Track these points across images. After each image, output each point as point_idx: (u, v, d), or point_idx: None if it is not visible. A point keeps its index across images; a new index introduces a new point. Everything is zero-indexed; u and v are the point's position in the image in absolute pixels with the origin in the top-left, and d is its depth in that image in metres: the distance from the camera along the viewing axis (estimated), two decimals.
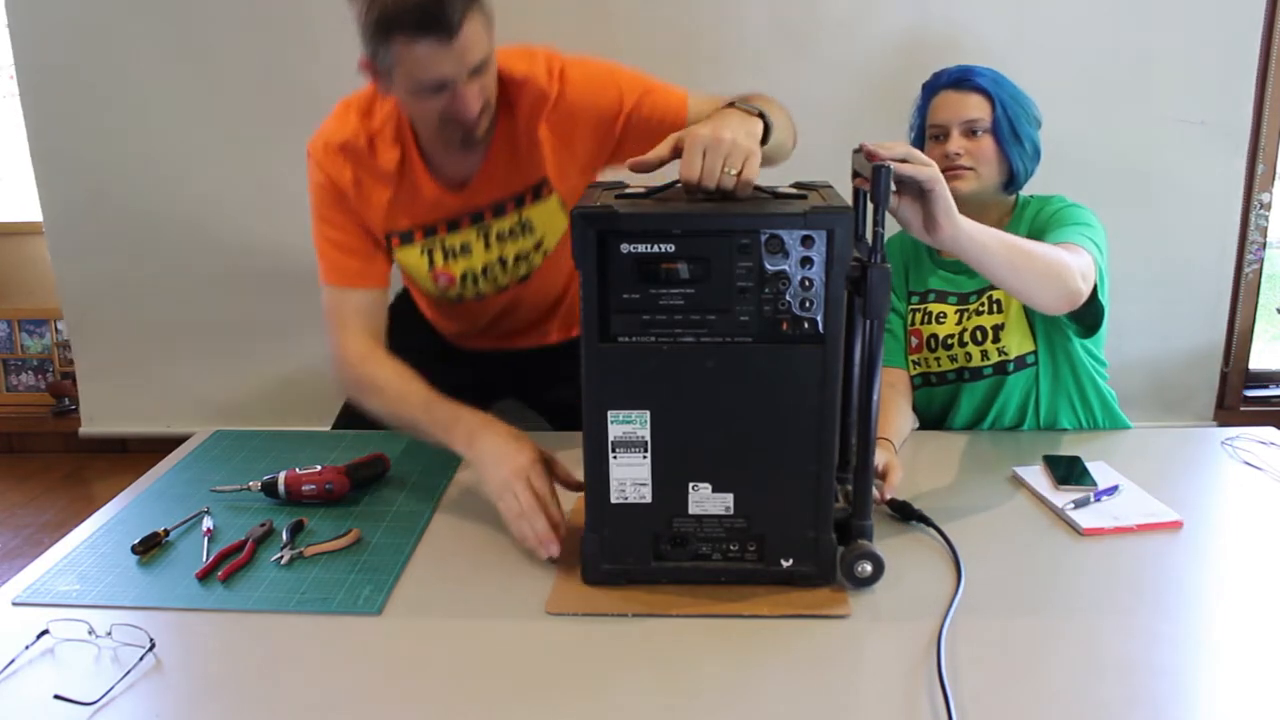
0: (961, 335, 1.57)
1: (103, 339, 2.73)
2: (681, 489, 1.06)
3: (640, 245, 1.01)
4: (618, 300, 1.02)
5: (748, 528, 1.07)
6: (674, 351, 1.03)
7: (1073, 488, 1.31)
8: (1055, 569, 1.15)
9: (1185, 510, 1.25)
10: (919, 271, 1.65)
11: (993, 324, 1.54)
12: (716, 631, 1.03)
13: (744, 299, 1.02)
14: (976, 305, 1.56)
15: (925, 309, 1.62)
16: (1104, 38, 2.29)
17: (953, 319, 1.58)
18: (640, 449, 1.05)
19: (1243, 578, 1.13)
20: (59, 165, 2.58)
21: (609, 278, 1.02)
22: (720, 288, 1.02)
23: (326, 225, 1.46)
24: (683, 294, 1.02)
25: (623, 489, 1.07)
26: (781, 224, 1.00)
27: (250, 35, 2.43)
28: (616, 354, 1.03)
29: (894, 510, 1.27)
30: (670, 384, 1.04)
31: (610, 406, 1.04)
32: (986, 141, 1.54)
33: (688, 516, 1.07)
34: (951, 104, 1.57)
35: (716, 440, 1.05)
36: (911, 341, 1.63)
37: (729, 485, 1.06)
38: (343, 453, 1.46)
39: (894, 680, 0.95)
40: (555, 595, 1.10)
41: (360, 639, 1.03)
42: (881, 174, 1.02)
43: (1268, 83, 2.35)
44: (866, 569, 1.08)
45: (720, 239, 1.01)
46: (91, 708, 0.92)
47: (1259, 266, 2.52)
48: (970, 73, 1.57)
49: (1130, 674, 0.96)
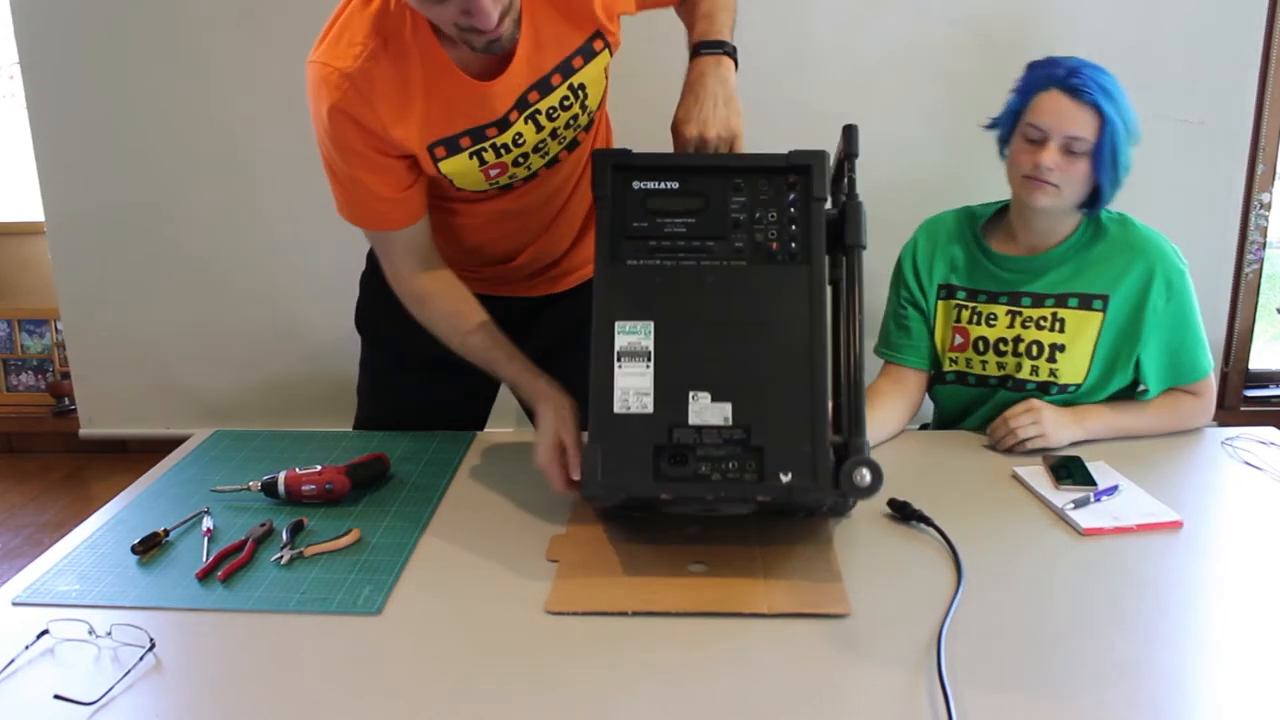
0: (1016, 344, 1.51)
1: (103, 339, 2.73)
2: (682, 399, 1.11)
3: (649, 182, 1.19)
4: (628, 228, 1.17)
5: (746, 440, 1.10)
6: (676, 269, 1.16)
7: (1073, 488, 1.31)
8: (1055, 569, 1.15)
9: (1185, 510, 1.25)
10: (971, 267, 1.56)
11: (1051, 342, 1.49)
12: (716, 630, 1.03)
13: (738, 228, 1.17)
14: (1037, 315, 1.51)
15: (975, 308, 1.55)
16: (1104, 37, 2.29)
17: (1004, 321, 1.52)
18: (644, 358, 1.12)
19: (1243, 578, 1.13)
20: (62, 166, 2.59)
21: (622, 209, 1.18)
22: (717, 219, 1.17)
23: (349, 165, 1.28)
24: (684, 223, 1.17)
25: (626, 399, 1.11)
26: (768, 162, 1.19)
27: (252, 37, 2.43)
28: (625, 272, 1.16)
29: (894, 510, 1.27)
30: (672, 299, 1.15)
31: (618, 318, 1.14)
32: (1083, 164, 1.43)
33: (688, 427, 1.10)
34: (1060, 111, 1.43)
35: (715, 351, 1.13)
36: (955, 339, 1.56)
37: (727, 395, 1.11)
38: (343, 453, 1.46)
39: (894, 680, 0.95)
40: (555, 595, 1.10)
41: (360, 639, 1.03)
42: (851, 131, 1.21)
43: (1268, 83, 2.35)
44: (865, 476, 1.06)
45: (717, 177, 1.19)
46: (91, 708, 0.92)
47: (1259, 266, 2.52)
48: (1087, 80, 1.42)
49: (1130, 674, 0.96)
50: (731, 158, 1.24)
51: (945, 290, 1.58)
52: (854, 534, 1.23)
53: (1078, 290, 1.49)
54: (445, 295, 1.39)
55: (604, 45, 1.32)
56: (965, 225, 1.59)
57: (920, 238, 1.62)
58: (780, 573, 1.13)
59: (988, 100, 2.34)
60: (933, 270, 1.58)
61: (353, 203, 1.33)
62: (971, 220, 1.60)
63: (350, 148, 1.26)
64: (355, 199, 1.32)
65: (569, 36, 1.28)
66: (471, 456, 1.47)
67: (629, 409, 1.11)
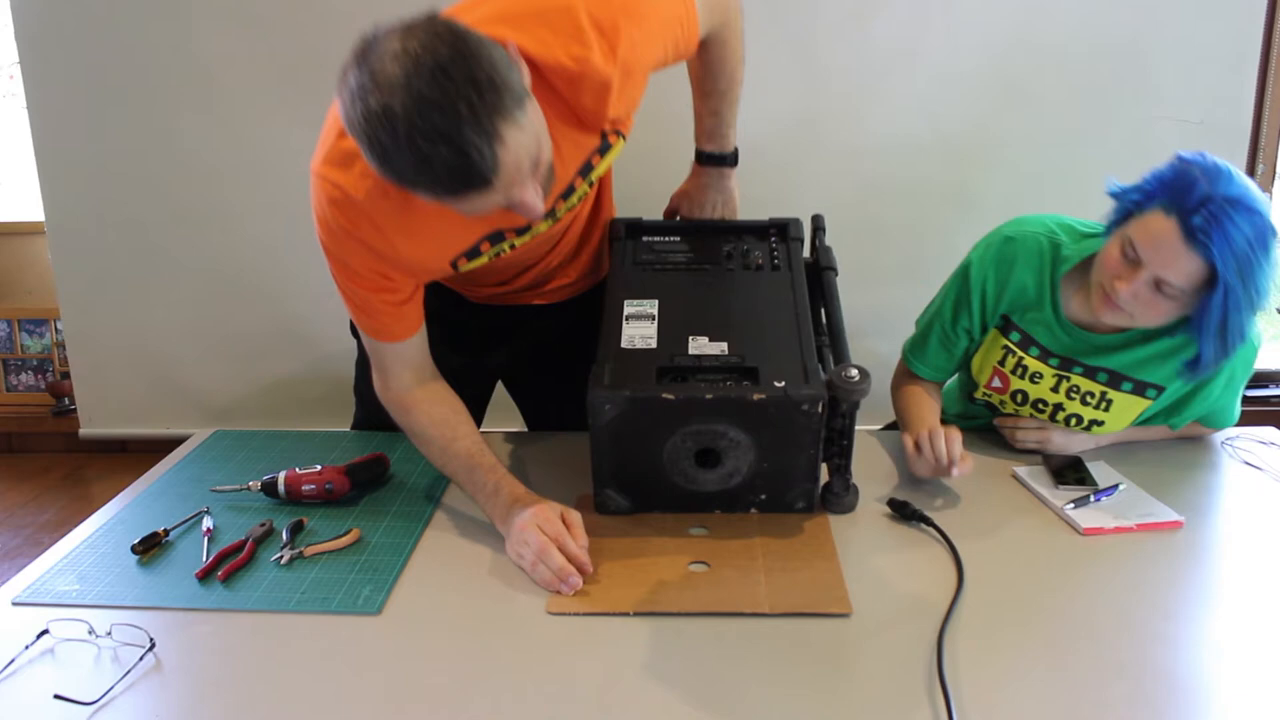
0: (1055, 409, 1.42)
1: (103, 339, 2.73)
2: (682, 339, 1.27)
3: (656, 236, 1.48)
4: (638, 258, 1.43)
5: (742, 363, 1.23)
6: (678, 273, 1.40)
7: (1073, 488, 1.31)
8: (1055, 569, 1.15)
9: (1185, 510, 1.25)
10: (1035, 315, 1.39)
11: (1092, 418, 1.41)
12: (716, 630, 1.03)
13: (730, 259, 1.43)
14: (1085, 388, 1.39)
15: (1022, 360, 1.41)
16: (1104, 37, 2.29)
17: (1048, 382, 1.40)
18: (649, 320, 1.31)
19: (1243, 578, 1.13)
20: (62, 166, 2.59)
21: (633, 248, 1.45)
22: (711, 252, 1.44)
23: (351, 281, 1.24)
24: (685, 255, 1.44)
25: (632, 340, 1.27)
26: (753, 223, 1.49)
27: (254, 37, 2.43)
28: (635, 274, 1.40)
29: (894, 510, 1.27)
30: (674, 288, 1.37)
31: (627, 296, 1.35)
32: (1171, 306, 1.23)
33: (688, 355, 1.24)
34: (1163, 244, 1.18)
35: (712, 315, 1.31)
36: (994, 380, 1.45)
37: (723, 337, 1.27)
38: (343, 453, 1.46)
39: (894, 680, 0.95)
40: (555, 595, 1.10)
41: (360, 639, 1.03)
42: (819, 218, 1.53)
43: (1267, 83, 2.35)
44: (853, 372, 1.19)
45: (711, 233, 1.48)
46: (91, 708, 0.92)
47: None
48: (1211, 223, 1.14)
49: (1130, 674, 0.96)
50: (722, 222, 1.54)
51: (1004, 322, 1.43)
52: (854, 534, 1.23)
53: (1136, 377, 1.37)
54: (435, 404, 1.33)
55: (618, 137, 1.30)
56: (1048, 261, 1.38)
57: (998, 258, 1.41)
58: (781, 572, 1.13)
59: (988, 100, 2.35)
60: (1000, 299, 1.42)
61: (357, 309, 1.29)
62: (1055, 259, 1.38)
63: (352, 269, 1.22)
64: (359, 308, 1.28)
65: (586, 141, 1.26)
66: None
67: (634, 345, 1.26)
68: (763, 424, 1.18)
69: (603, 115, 1.21)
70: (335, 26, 2.37)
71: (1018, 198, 2.32)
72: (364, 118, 0.97)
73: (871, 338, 2.30)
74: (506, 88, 0.98)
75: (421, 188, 1.01)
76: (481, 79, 0.96)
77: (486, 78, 0.96)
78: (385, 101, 0.95)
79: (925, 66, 2.35)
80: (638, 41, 1.21)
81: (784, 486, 1.22)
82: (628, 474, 1.24)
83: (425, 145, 0.95)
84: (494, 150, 0.98)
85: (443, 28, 0.98)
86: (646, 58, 1.24)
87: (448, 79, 0.95)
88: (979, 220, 1.58)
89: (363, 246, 1.19)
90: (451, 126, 0.95)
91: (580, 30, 1.15)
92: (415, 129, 0.95)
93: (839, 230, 2.05)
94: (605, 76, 1.17)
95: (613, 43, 1.17)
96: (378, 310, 1.27)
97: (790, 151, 2.36)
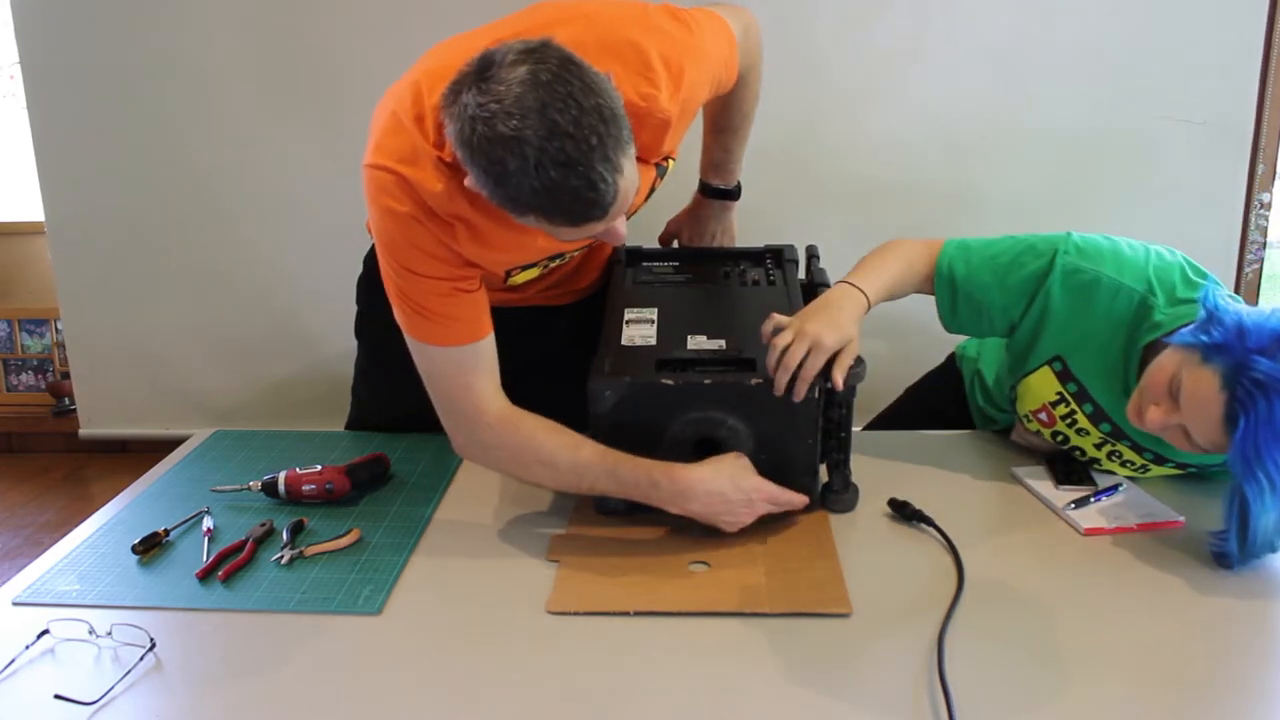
0: (1093, 462, 1.35)
1: (103, 339, 2.73)
2: (681, 338, 1.30)
3: (657, 262, 1.55)
4: (638, 278, 1.49)
5: (739, 356, 1.25)
6: (677, 286, 1.46)
7: (1073, 488, 1.31)
8: (1055, 569, 1.15)
9: (1185, 510, 1.25)
10: (1102, 371, 1.25)
11: (1127, 475, 1.35)
12: (717, 630, 1.03)
13: (726, 278, 1.48)
14: (1128, 457, 1.31)
15: (1074, 413, 1.30)
16: (1104, 36, 2.29)
17: (1093, 439, 1.31)
18: (648, 323, 1.34)
19: (1243, 577, 1.13)
20: (62, 166, 2.58)
21: (634, 269, 1.52)
22: (709, 273, 1.50)
23: (422, 276, 1.16)
24: (684, 276, 1.50)
25: (632, 339, 1.31)
26: (749, 250, 1.58)
27: (255, 37, 2.42)
28: (636, 288, 1.46)
29: (894, 510, 1.27)
30: (673, 299, 1.42)
31: (627, 305, 1.39)
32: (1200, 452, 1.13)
33: (687, 350, 1.27)
34: (1203, 410, 1.06)
35: (710, 320, 1.35)
36: (1042, 415, 1.34)
37: (721, 334, 1.30)
38: (343, 453, 1.46)
39: (894, 680, 0.95)
40: (556, 594, 1.10)
41: (360, 639, 1.03)
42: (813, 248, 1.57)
43: (1268, 83, 2.35)
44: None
45: (709, 258, 1.57)
46: (91, 708, 0.92)
47: (1259, 266, 2.52)
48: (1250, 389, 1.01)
49: (1131, 674, 0.96)
50: (720, 249, 1.63)
51: (1060, 364, 1.28)
52: (854, 534, 1.23)
53: (1181, 460, 1.30)
54: (534, 415, 1.22)
55: (668, 160, 1.33)
56: (1135, 322, 1.21)
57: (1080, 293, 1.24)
58: (781, 572, 1.13)
59: (988, 100, 2.35)
60: (1063, 335, 1.26)
61: (430, 316, 1.18)
62: (1141, 326, 1.21)
63: (422, 258, 1.15)
64: (432, 313, 1.18)
65: (647, 173, 1.26)
66: None
67: (634, 343, 1.30)
68: (761, 411, 1.19)
69: (657, 151, 1.23)
70: (337, 29, 2.38)
71: (1019, 198, 2.32)
72: (488, 139, 0.96)
73: (872, 338, 2.30)
74: (624, 120, 1.00)
75: (538, 213, 1.01)
76: (605, 110, 0.97)
77: (610, 109, 0.97)
78: (517, 125, 0.94)
79: (926, 66, 2.34)
80: (696, 82, 1.23)
81: (784, 480, 1.22)
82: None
83: (556, 173, 0.95)
84: (615, 181, 0.99)
85: (565, 55, 0.98)
86: (700, 96, 1.28)
87: (579, 109, 0.95)
88: (980, 220, 1.59)
89: (430, 235, 1.13)
90: (583, 156, 0.96)
91: (650, 69, 1.16)
92: (546, 156, 0.95)
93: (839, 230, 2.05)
94: (667, 116, 1.18)
95: (678, 83, 1.19)
96: (457, 304, 1.17)
97: (790, 151, 2.36)
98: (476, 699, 0.94)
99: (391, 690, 0.95)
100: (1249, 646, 1.00)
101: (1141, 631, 1.02)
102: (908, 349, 1.74)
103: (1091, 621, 1.04)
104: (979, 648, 0.99)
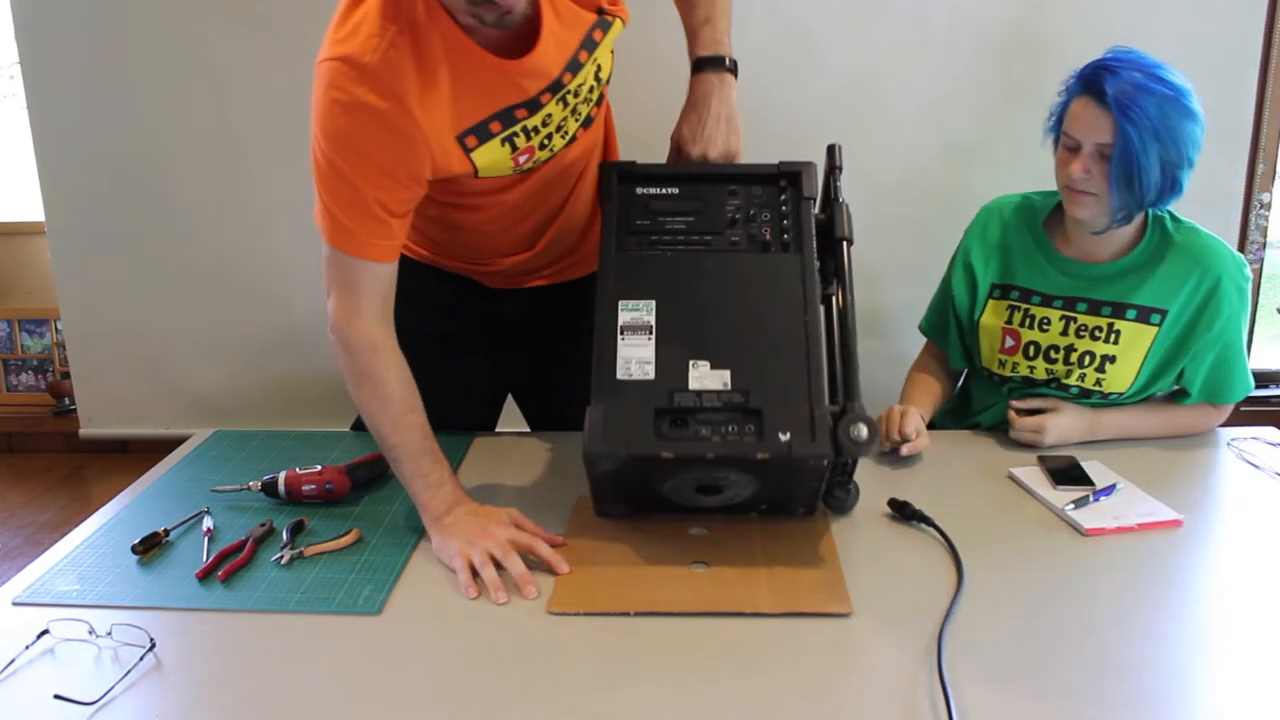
0: (1068, 352, 1.47)
1: (103, 339, 2.73)
2: (682, 368, 1.16)
3: (652, 188, 1.28)
4: (632, 225, 1.26)
5: (745, 403, 1.13)
6: (676, 258, 1.24)
7: (1071, 488, 1.31)
8: (1055, 569, 1.15)
9: (1185, 509, 1.25)
10: (1029, 266, 1.50)
11: (1103, 353, 1.45)
12: (717, 630, 1.03)
13: (734, 225, 1.26)
14: (1092, 324, 1.46)
15: (1028, 310, 1.49)
16: (1105, 37, 2.28)
17: (1057, 327, 1.47)
18: (646, 332, 1.18)
19: (1243, 578, 1.13)
20: (62, 166, 2.59)
21: (626, 210, 1.27)
22: (714, 217, 1.27)
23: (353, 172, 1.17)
24: (684, 221, 1.26)
25: (628, 367, 1.16)
26: (761, 170, 1.30)
27: (255, 37, 2.43)
28: (628, 260, 1.23)
29: (894, 510, 1.27)
30: (673, 282, 1.22)
31: (621, 298, 1.20)
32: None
33: (688, 391, 1.14)
34: (1084, 119, 1.35)
35: (714, 326, 1.19)
36: (1006, 341, 1.51)
37: (726, 363, 1.16)
38: (343, 453, 1.46)
39: (894, 680, 0.95)
40: (556, 594, 1.10)
41: (360, 639, 1.03)
42: (834, 149, 1.32)
43: (1268, 83, 2.35)
44: (862, 431, 1.09)
45: (714, 184, 1.29)
46: (91, 708, 0.92)
47: (1259, 266, 2.52)
48: (1105, 82, 1.32)
49: (1130, 674, 0.96)
50: (728, 167, 1.32)
51: (999, 290, 1.53)
52: (854, 534, 1.23)
53: (1137, 303, 1.44)
54: (403, 362, 1.26)
55: (613, 16, 1.30)
56: (1025, 218, 1.53)
57: (979, 230, 1.57)
58: (781, 572, 1.13)
59: (987, 100, 2.35)
60: (988, 266, 1.54)
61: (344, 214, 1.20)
62: (1031, 213, 1.53)
63: (361, 150, 1.16)
64: (348, 212, 1.20)
65: (583, 13, 1.26)
66: (472, 456, 1.47)
67: (630, 375, 1.16)
68: (765, 474, 1.15)
69: None
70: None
71: None
72: None
73: (872, 338, 2.31)
74: None
75: None
76: None
77: None
78: None
79: (926, 66, 2.35)
80: None
81: (786, 504, 1.23)
82: (626, 499, 1.24)
83: None
84: None
85: None
86: None
87: None
88: None
89: (376, 121, 1.14)
90: None
91: None
92: None
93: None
94: None
95: None
96: (368, 213, 1.19)
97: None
98: (476, 699, 0.94)
99: (391, 690, 0.95)
100: (1250, 646, 1.00)
101: (1141, 631, 1.02)
102: (907, 349, 1.73)
103: (1091, 621, 1.04)
104: (979, 648, 0.99)
